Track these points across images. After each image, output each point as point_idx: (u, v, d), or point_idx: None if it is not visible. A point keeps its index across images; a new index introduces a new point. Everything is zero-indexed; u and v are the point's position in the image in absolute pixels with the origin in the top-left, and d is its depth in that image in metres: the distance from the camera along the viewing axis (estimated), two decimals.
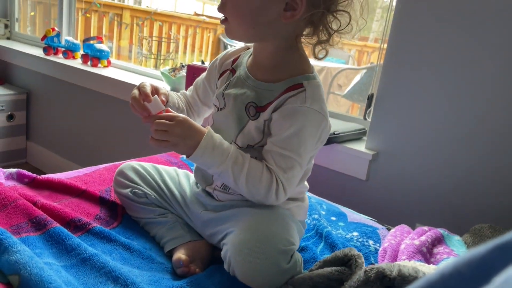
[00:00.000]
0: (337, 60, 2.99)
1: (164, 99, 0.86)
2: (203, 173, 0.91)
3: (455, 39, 1.21)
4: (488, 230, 1.04)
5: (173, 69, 1.90)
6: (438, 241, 1.00)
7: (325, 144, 0.88)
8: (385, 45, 1.36)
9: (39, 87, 2.50)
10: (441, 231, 1.04)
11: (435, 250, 0.96)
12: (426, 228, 1.04)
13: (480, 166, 1.21)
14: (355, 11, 0.79)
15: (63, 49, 2.37)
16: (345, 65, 3.03)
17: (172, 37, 3.68)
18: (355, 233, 1.04)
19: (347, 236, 1.03)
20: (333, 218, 1.13)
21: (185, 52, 3.85)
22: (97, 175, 1.12)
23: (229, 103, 0.86)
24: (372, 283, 0.67)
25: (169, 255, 0.88)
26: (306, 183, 0.93)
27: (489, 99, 1.18)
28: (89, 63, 2.24)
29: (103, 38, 2.42)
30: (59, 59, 2.33)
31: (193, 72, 1.69)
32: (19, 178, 1.02)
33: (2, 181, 0.97)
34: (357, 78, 2.56)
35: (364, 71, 2.57)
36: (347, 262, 0.76)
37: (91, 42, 2.28)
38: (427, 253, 0.93)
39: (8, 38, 2.77)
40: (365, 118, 1.53)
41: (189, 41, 3.81)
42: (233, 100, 0.85)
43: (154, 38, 3.59)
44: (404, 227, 1.06)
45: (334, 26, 0.80)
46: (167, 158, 1.30)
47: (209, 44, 3.94)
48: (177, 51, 3.80)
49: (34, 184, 1.01)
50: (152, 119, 0.78)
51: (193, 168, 0.98)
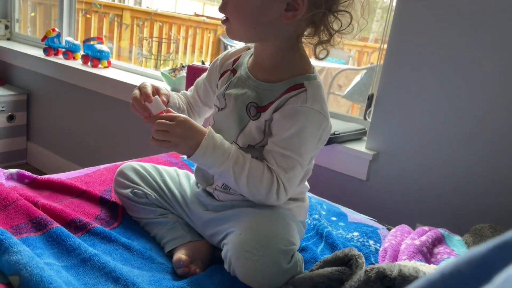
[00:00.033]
0: (337, 60, 2.99)
1: (165, 99, 0.86)
2: (203, 173, 0.91)
3: (455, 39, 1.21)
4: (489, 230, 1.04)
5: (173, 70, 1.90)
6: (439, 241, 1.00)
7: (326, 144, 0.88)
8: (385, 46, 1.36)
9: (40, 88, 2.50)
10: (441, 231, 1.04)
11: (436, 250, 0.96)
12: (426, 228, 1.04)
13: (480, 166, 1.21)
14: (355, 11, 0.79)
15: (63, 49, 2.37)
16: (345, 65, 3.03)
17: (172, 38, 3.68)
18: (355, 233, 1.04)
19: (348, 236, 1.03)
20: (334, 218, 1.13)
21: (185, 53, 3.85)
22: (97, 176, 1.12)
23: (230, 103, 0.86)
24: (373, 283, 0.67)
25: (170, 255, 0.88)
26: (306, 183, 0.93)
27: (489, 99, 1.18)
28: (89, 63, 2.24)
29: (103, 39, 2.42)
30: (60, 59, 2.33)
31: (193, 72, 1.69)
32: (20, 179, 1.02)
33: (3, 182, 0.97)
34: (357, 78, 2.56)
35: (364, 71, 2.57)
36: (347, 262, 0.76)
37: (92, 42, 2.28)
38: (427, 253, 0.93)
39: (8, 39, 2.77)
40: (365, 118, 1.53)
41: (189, 41, 3.81)
42: (234, 100, 0.85)
43: (154, 39, 3.59)
44: (404, 227, 1.06)
45: (335, 26, 0.79)
46: (167, 158, 1.30)
47: (209, 44, 3.95)
48: (177, 52, 3.80)
49: (34, 185, 1.01)
50: (153, 119, 0.78)
51: (194, 168, 0.98)
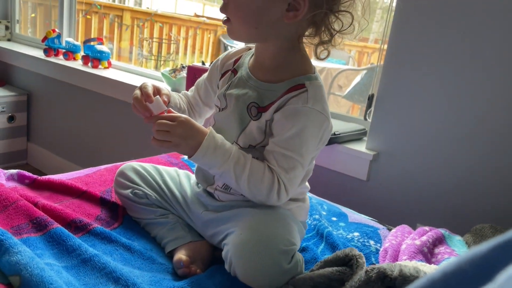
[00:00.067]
0: (337, 61, 2.99)
1: (166, 99, 0.86)
2: (204, 173, 0.91)
3: (455, 40, 1.21)
4: (489, 230, 1.04)
5: (174, 70, 1.90)
6: (439, 241, 0.99)
7: (326, 145, 0.88)
8: (385, 46, 1.36)
9: (40, 89, 2.50)
10: (442, 231, 1.03)
11: (436, 250, 0.96)
12: (427, 228, 1.04)
13: (480, 166, 1.21)
14: (356, 11, 0.79)
15: (63, 50, 2.38)
16: (345, 65, 3.03)
17: (172, 39, 3.68)
18: (356, 234, 1.04)
19: (348, 237, 1.03)
20: (334, 219, 1.12)
21: (185, 53, 3.85)
22: (97, 176, 1.12)
23: (231, 103, 0.86)
24: (373, 283, 0.66)
25: (170, 255, 0.88)
26: (307, 183, 0.93)
27: (489, 99, 1.18)
28: (89, 64, 2.24)
29: (104, 40, 2.43)
30: (60, 60, 2.33)
31: (193, 73, 1.69)
32: (20, 179, 1.02)
33: (3, 182, 0.97)
34: (357, 78, 2.56)
35: (364, 71, 2.57)
36: (348, 262, 0.76)
37: (92, 43, 2.28)
38: (428, 253, 0.93)
39: (9, 40, 2.77)
40: (365, 119, 1.53)
41: (189, 42, 3.81)
42: (235, 100, 0.85)
43: (154, 40, 3.59)
44: (405, 227, 1.06)
45: (336, 26, 0.79)
46: (167, 158, 1.30)
47: (210, 45, 3.95)
48: (177, 52, 3.80)
49: (34, 185, 1.01)
50: (154, 120, 0.78)
51: (194, 168, 0.98)
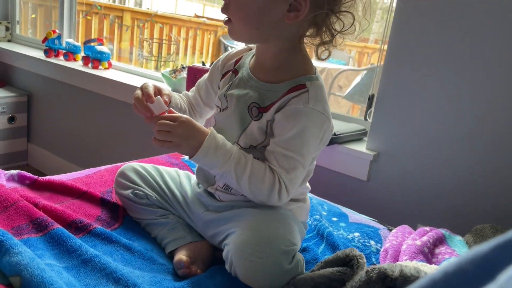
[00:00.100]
0: (337, 61, 2.99)
1: (167, 99, 0.86)
2: (205, 173, 0.91)
3: (455, 40, 1.21)
4: (490, 230, 1.03)
5: (174, 71, 1.90)
6: (440, 241, 0.99)
7: (326, 145, 0.88)
8: (386, 46, 1.36)
9: (40, 89, 2.50)
10: (442, 231, 1.03)
11: (437, 251, 0.96)
12: (427, 228, 1.04)
13: (481, 166, 1.21)
14: (357, 11, 0.79)
15: (64, 51, 2.38)
16: (346, 66, 3.03)
17: (172, 39, 3.68)
18: (356, 234, 1.04)
19: (349, 237, 1.03)
20: (334, 219, 1.12)
21: (185, 54, 3.85)
22: (98, 177, 1.12)
23: (232, 103, 0.86)
24: (374, 283, 0.66)
25: (171, 256, 0.88)
26: (308, 184, 0.93)
27: (489, 99, 1.18)
28: (90, 65, 2.24)
29: (104, 40, 2.43)
30: (60, 61, 2.34)
31: (194, 73, 1.69)
32: (20, 180, 1.02)
33: (3, 183, 0.97)
34: (357, 79, 2.56)
35: (365, 72, 2.57)
36: (348, 263, 0.75)
37: (92, 44, 2.28)
38: (428, 254, 0.93)
39: (9, 41, 2.77)
40: (365, 119, 1.53)
41: (189, 43, 3.81)
42: (236, 100, 0.85)
43: (154, 40, 3.59)
44: (405, 228, 1.06)
45: (337, 27, 0.79)
46: (168, 159, 1.30)
47: (210, 45, 3.95)
48: (177, 53, 3.81)
49: (35, 186, 1.01)
50: (155, 120, 0.78)
51: (195, 169, 0.98)
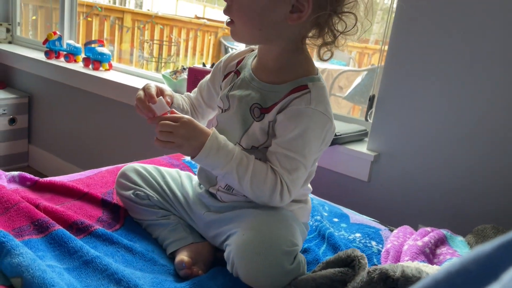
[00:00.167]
0: (338, 62, 2.99)
1: (169, 100, 0.86)
2: (207, 174, 0.91)
3: (455, 40, 1.21)
4: (491, 231, 1.03)
5: (175, 72, 1.90)
6: (441, 242, 0.99)
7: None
8: (386, 47, 1.36)
9: (41, 91, 2.51)
10: (444, 231, 1.03)
11: (438, 251, 0.96)
12: (428, 229, 1.04)
13: (481, 166, 1.21)
14: (359, 12, 0.79)
15: (64, 52, 2.38)
16: (346, 67, 3.03)
17: (173, 40, 3.68)
18: (357, 234, 1.04)
19: (350, 238, 1.03)
20: (336, 220, 1.12)
21: (186, 55, 3.86)
22: (99, 178, 1.12)
23: (234, 104, 0.86)
24: (375, 284, 0.66)
25: (172, 257, 0.88)
26: (309, 185, 0.93)
27: (489, 99, 1.18)
28: (90, 66, 2.24)
29: (105, 42, 2.43)
30: (61, 62, 2.34)
31: (194, 74, 1.69)
32: (21, 181, 1.02)
33: (5, 184, 0.97)
34: (358, 79, 2.56)
35: (365, 72, 2.57)
36: (350, 263, 0.75)
37: (93, 45, 2.28)
38: (430, 254, 0.93)
39: (10, 42, 2.78)
40: (366, 120, 1.53)
41: (190, 44, 3.82)
42: (238, 101, 0.85)
43: (155, 41, 3.60)
44: (406, 228, 1.06)
45: (340, 27, 0.79)
46: (169, 160, 1.30)
47: (210, 47, 3.95)
48: (178, 54, 3.81)
49: (36, 187, 1.01)
50: (157, 120, 0.79)
51: (196, 169, 0.98)
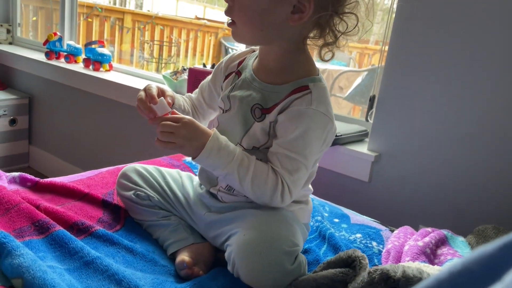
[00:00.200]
0: (338, 62, 2.99)
1: (170, 101, 0.86)
2: (208, 174, 0.91)
3: (455, 40, 1.21)
4: (492, 231, 1.03)
5: (175, 73, 1.90)
6: (442, 242, 0.99)
7: None
8: (386, 47, 1.36)
9: (41, 92, 2.51)
10: (444, 232, 1.03)
11: (439, 251, 0.96)
12: (429, 229, 1.04)
13: (482, 166, 1.21)
14: (360, 13, 0.79)
15: (65, 53, 2.38)
16: (346, 67, 3.03)
17: (173, 41, 3.68)
18: (358, 235, 1.04)
19: (350, 238, 1.03)
20: (336, 220, 1.12)
21: (186, 56, 3.86)
22: (99, 178, 1.12)
23: (235, 105, 0.86)
24: (376, 284, 0.66)
25: (172, 257, 0.88)
26: (310, 186, 0.93)
27: (489, 99, 1.18)
28: (91, 67, 2.24)
29: (105, 42, 2.43)
30: (61, 63, 2.34)
31: (194, 75, 1.69)
32: (22, 182, 1.02)
33: (5, 185, 0.97)
34: (358, 80, 2.56)
35: (365, 73, 2.57)
36: (351, 264, 0.75)
37: (93, 46, 2.28)
38: (431, 254, 0.92)
39: (10, 43, 2.78)
40: (367, 120, 1.53)
41: (190, 44, 3.82)
42: (239, 102, 0.85)
43: (155, 42, 3.60)
44: (407, 229, 1.06)
45: (341, 28, 0.79)
46: (169, 161, 1.30)
47: (210, 47, 3.95)
48: (178, 55, 3.81)
49: (37, 188, 1.01)
50: (158, 121, 0.79)
51: (196, 170, 0.98)
